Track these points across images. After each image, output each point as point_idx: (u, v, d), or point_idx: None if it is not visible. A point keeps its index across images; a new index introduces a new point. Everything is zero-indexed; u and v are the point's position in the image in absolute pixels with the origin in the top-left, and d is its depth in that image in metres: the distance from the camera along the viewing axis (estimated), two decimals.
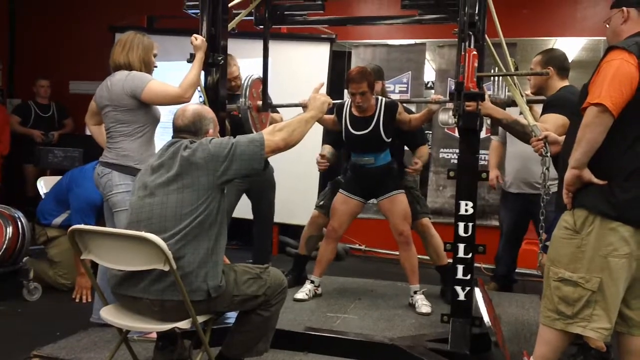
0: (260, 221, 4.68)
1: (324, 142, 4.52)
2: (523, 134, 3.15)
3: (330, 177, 4.67)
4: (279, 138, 2.64)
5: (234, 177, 2.56)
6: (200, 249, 2.47)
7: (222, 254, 2.58)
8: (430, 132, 6.27)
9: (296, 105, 3.96)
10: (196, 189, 2.50)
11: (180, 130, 2.71)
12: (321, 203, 4.44)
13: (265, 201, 4.62)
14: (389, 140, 3.97)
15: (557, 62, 3.55)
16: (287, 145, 2.66)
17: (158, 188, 2.54)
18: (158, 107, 3.53)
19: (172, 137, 2.72)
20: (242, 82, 3.84)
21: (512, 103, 3.43)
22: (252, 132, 3.70)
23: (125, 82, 3.38)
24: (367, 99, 3.89)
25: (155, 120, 3.54)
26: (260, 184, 4.47)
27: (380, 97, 4.02)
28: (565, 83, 3.54)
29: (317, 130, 5.98)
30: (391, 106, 3.96)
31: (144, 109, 3.42)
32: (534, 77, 3.55)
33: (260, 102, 3.87)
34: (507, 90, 3.51)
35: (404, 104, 4.23)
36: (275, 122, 4.33)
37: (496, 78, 5.60)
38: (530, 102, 3.52)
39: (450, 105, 3.55)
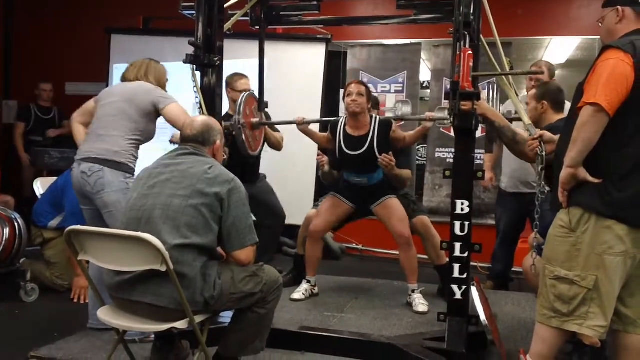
0: (262, 225, 4.68)
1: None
2: (512, 141, 3.12)
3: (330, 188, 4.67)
4: (245, 257, 2.64)
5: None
6: (197, 260, 2.48)
7: (216, 266, 2.58)
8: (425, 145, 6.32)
9: (290, 123, 4.05)
10: (198, 210, 2.52)
11: (188, 139, 2.76)
12: (318, 204, 4.44)
13: (262, 207, 4.58)
14: None
15: (551, 96, 3.58)
16: (244, 264, 2.66)
17: (163, 190, 2.56)
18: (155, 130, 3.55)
19: (179, 146, 2.79)
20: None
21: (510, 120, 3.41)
22: (245, 150, 3.73)
23: (151, 88, 3.47)
24: (362, 104, 3.88)
25: (149, 135, 3.53)
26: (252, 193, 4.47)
27: (374, 115, 4.01)
28: (561, 116, 3.53)
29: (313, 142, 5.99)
30: (385, 124, 3.95)
31: (151, 117, 3.45)
32: (528, 111, 3.56)
33: (254, 120, 3.88)
34: (500, 102, 3.48)
35: (400, 119, 4.21)
36: (276, 139, 4.40)
37: (493, 81, 5.62)
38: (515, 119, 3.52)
39: (446, 104, 3.56)
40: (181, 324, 2.44)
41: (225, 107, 3.68)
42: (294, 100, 5.80)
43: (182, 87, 3.91)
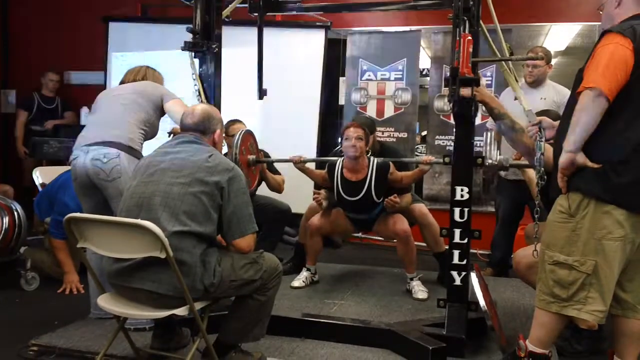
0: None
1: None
2: (510, 128, 3.11)
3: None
4: (246, 245, 2.64)
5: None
6: (197, 247, 2.49)
7: (215, 253, 2.59)
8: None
9: (286, 161, 4.08)
10: (198, 199, 2.52)
11: (188, 128, 2.77)
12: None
13: (263, 212, 4.51)
14: (381, 200, 3.97)
15: None
16: (245, 251, 2.66)
17: (163, 178, 2.57)
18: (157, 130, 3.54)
19: (179, 134, 2.81)
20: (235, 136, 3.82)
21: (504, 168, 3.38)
22: None
23: (158, 85, 3.54)
24: (361, 148, 3.87)
25: (154, 132, 3.50)
26: None
27: (372, 158, 4.01)
28: None
29: (313, 130, 5.98)
30: (383, 167, 3.95)
31: (159, 112, 3.45)
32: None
33: (250, 157, 3.87)
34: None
35: (396, 143, 4.18)
36: (276, 182, 4.49)
37: (494, 73, 5.61)
38: (517, 166, 3.50)
39: (445, 91, 3.55)
40: (181, 311, 2.44)
41: (224, 99, 3.65)
42: (293, 89, 5.78)
43: (180, 75, 3.90)
